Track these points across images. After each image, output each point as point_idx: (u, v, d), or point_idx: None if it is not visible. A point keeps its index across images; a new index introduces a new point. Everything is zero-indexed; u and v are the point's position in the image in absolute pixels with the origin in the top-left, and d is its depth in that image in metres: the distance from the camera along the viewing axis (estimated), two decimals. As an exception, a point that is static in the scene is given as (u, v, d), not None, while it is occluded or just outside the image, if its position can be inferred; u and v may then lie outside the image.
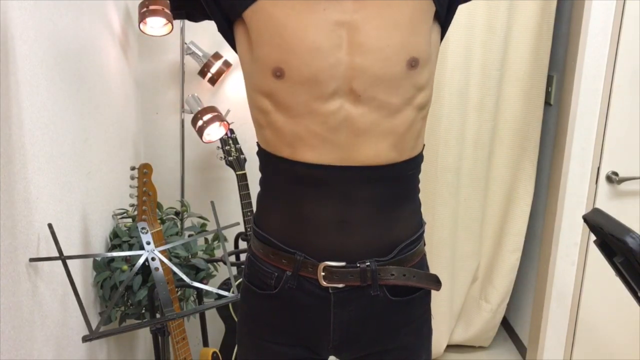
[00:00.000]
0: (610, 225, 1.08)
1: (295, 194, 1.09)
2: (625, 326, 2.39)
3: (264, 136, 1.11)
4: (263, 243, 1.14)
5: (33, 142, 1.27)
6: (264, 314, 1.17)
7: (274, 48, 1.03)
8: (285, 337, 1.17)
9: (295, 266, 1.10)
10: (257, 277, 1.16)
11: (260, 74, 1.06)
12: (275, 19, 1.03)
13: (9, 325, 1.16)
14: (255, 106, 1.10)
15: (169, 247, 1.68)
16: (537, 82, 2.42)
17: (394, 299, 1.13)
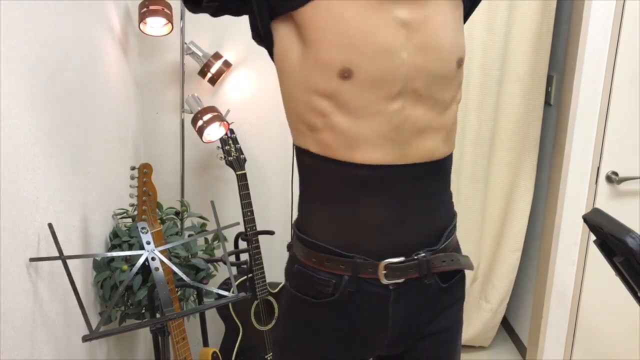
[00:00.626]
0: (610, 225, 1.08)
1: (351, 197, 1.09)
2: (625, 326, 2.39)
3: (320, 140, 1.08)
4: (315, 251, 1.13)
5: (33, 142, 1.27)
6: (320, 323, 1.17)
7: (340, 48, 1.01)
8: (343, 342, 1.17)
9: (355, 269, 1.10)
10: (312, 287, 1.15)
11: (321, 75, 1.03)
12: (340, 18, 1.00)
13: (9, 325, 1.16)
14: (309, 108, 1.06)
15: (169, 247, 1.68)
16: (537, 82, 2.42)
17: (444, 285, 1.17)
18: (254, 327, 2.20)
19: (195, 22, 2.21)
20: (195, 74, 2.23)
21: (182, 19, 2.17)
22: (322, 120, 1.06)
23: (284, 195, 2.43)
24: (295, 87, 1.07)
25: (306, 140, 1.10)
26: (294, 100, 1.08)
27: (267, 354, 2.24)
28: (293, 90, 1.08)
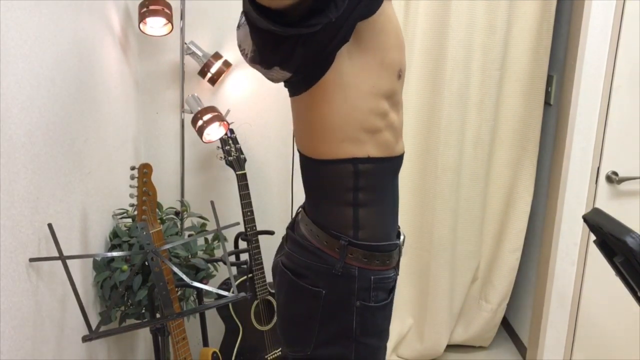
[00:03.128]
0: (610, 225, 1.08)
1: (392, 189, 1.18)
2: (625, 326, 2.39)
3: (381, 141, 1.11)
4: (379, 252, 1.15)
5: (33, 142, 1.27)
6: (385, 322, 1.21)
7: (398, 49, 1.09)
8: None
9: (397, 259, 1.18)
10: (383, 289, 1.16)
11: (387, 77, 1.07)
12: (393, 19, 1.07)
13: (9, 325, 1.16)
14: (374, 112, 1.08)
15: (169, 247, 1.68)
16: (537, 82, 2.42)
17: None
18: (254, 327, 2.20)
19: (195, 22, 2.21)
20: (195, 74, 2.23)
21: (182, 19, 2.17)
22: (383, 121, 1.10)
23: (284, 195, 2.43)
24: (357, 98, 1.07)
25: (365, 146, 1.10)
26: (355, 111, 1.08)
27: (267, 354, 2.24)
28: (355, 102, 1.07)
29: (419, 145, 2.42)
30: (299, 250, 1.19)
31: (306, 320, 1.18)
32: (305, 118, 1.13)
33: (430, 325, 2.61)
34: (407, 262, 2.56)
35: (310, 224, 1.19)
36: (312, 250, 1.17)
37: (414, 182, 2.47)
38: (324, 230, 1.16)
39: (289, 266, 1.21)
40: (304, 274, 1.18)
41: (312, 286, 1.16)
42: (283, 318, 1.25)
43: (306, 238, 1.19)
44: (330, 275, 1.14)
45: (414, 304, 2.63)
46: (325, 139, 1.11)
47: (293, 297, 1.20)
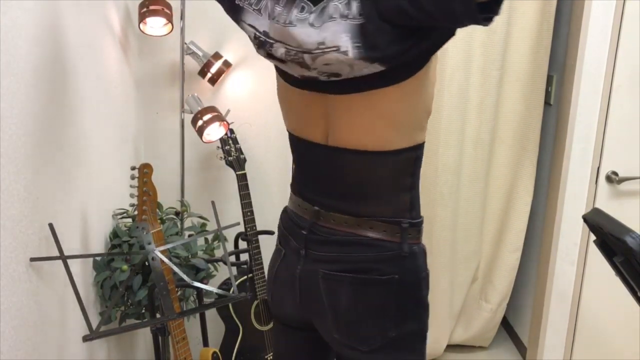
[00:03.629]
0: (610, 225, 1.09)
1: None
2: (625, 326, 2.39)
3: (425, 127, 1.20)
4: (422, 226, 1.25)
5: (33, 142, 1.27)
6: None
7: None
8: None
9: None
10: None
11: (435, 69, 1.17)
12: None
13: (9, 325, 1.16)
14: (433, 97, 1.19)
15: (169, 247, 1.68)
16: (537, 82, 2.42)
17: None
18: (254, 327, 2.20)
19: (195, 22, 2.21)
20: (195, 74, 2.23)
21: (182, 19, 2.17)
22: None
23: (284, 195, 2.42)
24: (432, 87, 1.16)
25: (424, 132, 1.20)
26: (429, 99, 1.17)
27: (267, 354, 2.24)
28: (432, 90, 1.16)
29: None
30: (352, 249, 1.21)
31: (382, 309, 1.22)
32: (389, 110, 1.13)
33: (430, 325, 2.59)
34: (407, 262, 2.55)
35: (359, 220, 1.20)
36: (369, 244, 1.20)
37: (414, 182, 2.47)
38: (381, 220, 1.19)
39: (345, 268, 1.21)
40: (369, 269, 1.20)
41: (382, 275, 1.20)
42: (351, 320, 1.23)
43: (357, 234, 1.20)
44: (398, 258, 1.20)
45: (414, 304, 2.62)
46: (408, 128, 1.15)
47: (361, 294, 1.21)
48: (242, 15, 1.13)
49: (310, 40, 1.04)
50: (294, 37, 1.06)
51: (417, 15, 0.97)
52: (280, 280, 1.32)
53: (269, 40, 1.10)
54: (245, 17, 1.12)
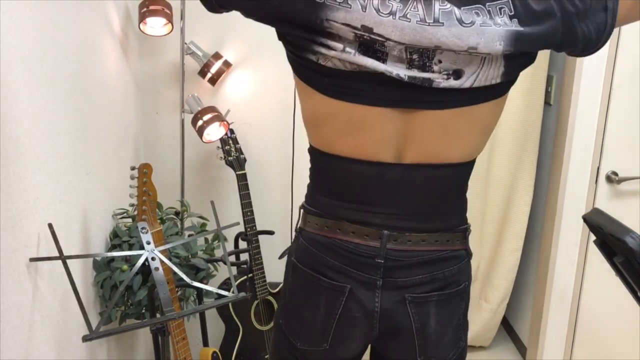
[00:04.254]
0: (610, 225, 1.08)
1: None
2: (625, 326, 2.39)
3: None
4: None
5: (33, 142, 1.27)
6: None
7: None
8: None
9: None
10: None
11: None
12: None
13: (9, 325, 1.16)
14: None
15: (169, 247, 1.68)
16: (537, 82, 2.42)
17: None
18: (254, 327, 2.20)
19: (195, 22, 2.21)
20: (195, 74, 2.23)
21: (182, 19, 2.17)
22: None
23: (284, 195, 2.43)
24: None
25: None
26: None
27: (267, 354, 2.24)
28: None
29: (419, 145, 2.42)
30: (438, 267, 1.17)
31: (457, 320, 1.22)
32: (490, 122, 1.12)
33: (430, 325, 2.61)
34: (407, 262, 2.56)
35: (437, 236, 1.16)
36: (451, 257, 1.19)
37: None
38: (455, 231, 1.20)
39: (433, 288, 1.16)
40: (451, 282, 1.18)
41: (459, 285, 1.21)
42: (438, 339, 1.18)
43: (439, 250, 1.17)
44: (467, 265, 1.24)
45: (414, 304, 2.62)
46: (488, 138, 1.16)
47: (445, 309, 1.18)
48: (326, 12, 0.94)
49: (460, 43, 0.95)
50: (435, 38, 0.94)
51: (592, 47, 1.03)
52: (348, 319, 1.14)
53: (376, 38, 0.95)
54: (332, 15, 0.94)
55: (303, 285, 1.17)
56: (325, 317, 1.14)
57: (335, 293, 1.13)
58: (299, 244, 1.18)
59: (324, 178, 1.14)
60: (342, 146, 1.08)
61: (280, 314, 1.24)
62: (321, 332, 1.16)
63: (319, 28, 0.95)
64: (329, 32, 0.96)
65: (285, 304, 1.22)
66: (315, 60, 1.00)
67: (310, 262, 1.15)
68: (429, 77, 0.99)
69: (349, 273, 1.12)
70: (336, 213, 1.12)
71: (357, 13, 0.93)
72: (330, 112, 1.05)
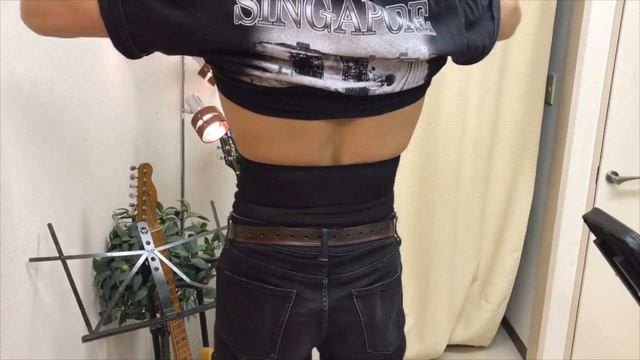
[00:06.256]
0: (610, 225, 1.09)
1: None
2: (625, 326, 2.39)
3: None
4: None
5: (33, 142, 1.27)
6: None
7: None
8: None
9: None
10: None
11: None
12: None
13: (9, 325, 1.16)
14: None
15: (169, 247, 1.69)
16: (537, 82, 2.42)
17: None
18: (254, 327, 2.19)
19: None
20: (195, 74, 2.23)
21: (182, 19, 2.17)
22: None
23: (284, 195, 2.43)
24: None
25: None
26: None
27: (267, 354, 2.24)
28: None
29: (419, 145, 2.42)
30: (377, 256, 1.17)
31: (398, 306, 1.25)
32: (415, 120, 1.17)
33: (430, 325, 2.61)
34: (407, 261, 2.56)
35: (371, 226, 1.16)
36: (386, 245, 1.18)
37: (414, 182, 2.47)
38: (387, 219, 1.19)
39: (375, 279, 1.17)
40: (389, 270, 1.20)
41: (396, 273, 1.21)
42: (384, 328, 1.20)
43: (375, 240, 1.17)
44: (399, 252, 1.23)
45: (413, 304, 2.63)
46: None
47: (388, 298, 1.20)
48: (257, 35, 0.92)
49: (393, 50, 0.96)
50: (370, 47, 0.95)
51: (485, 54, 1.13)
52: (297, 324, 1.14)
53: (311, 54, 0.94)
54: (265, 36, 0.92)
55: (244, 296, 1.14)
56: (271, 325, 1.13)
57: (281, 299, 1.12)
58: (232, 256, 1.14)
59: (259, 187, 1.12)
60: (279, 156, 1.07)
61: (221, 329, 1.20)
62: (268, 342, 1.14)
63: (251, 52, 0.93)
64: (262, 54, 0.93)
65: (226, 318, 1.19)
66: (249, 82, 0.98)
67: (250, 272, 1.12)
68: (365, 86, 0.99)
69: (293, 277, 1.11)
70: (273, 220, 1.11)
71: (292, 30, 0.92)
72: (265, 128, 1.04)
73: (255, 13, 0.91)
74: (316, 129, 1.04)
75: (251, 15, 0.91)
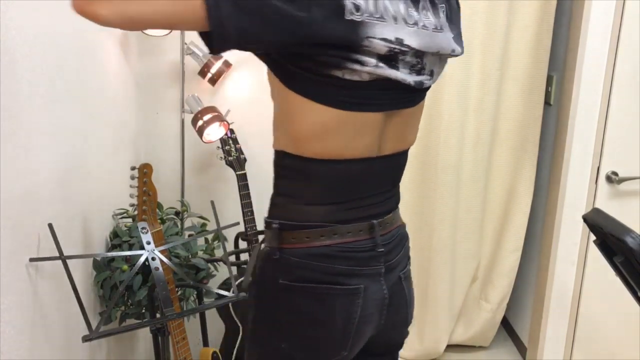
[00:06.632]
0: (610, 225, 1.09)
1: None
2: (625, 326, 2.39)
3: None
4: None
5: (33, 142, 1.28)
6: None
7: None
8: None
9: None
10: None
11: None
12: None
13: (9, 325, 1.16)
14: None
15: (169, 247, 1.69)
16: (537, 82, 2.42)
17: None
18: (254, 327, 2.20)
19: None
20: (195, 74, 2.23)
21: (182, 19, 2.17)
22: None
23: (284, 195, 2.43)
24: None
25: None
26: None
27: (267, 354, 2.24)
28: None
29: (419, 145, 2.42)
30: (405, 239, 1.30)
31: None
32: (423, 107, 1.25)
33: (430, 325, 2.61)
34: (407, 262, 2.56)
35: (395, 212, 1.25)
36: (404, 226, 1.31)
37: (414, 182, 2.47)
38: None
39: (407, 259, 1.30)
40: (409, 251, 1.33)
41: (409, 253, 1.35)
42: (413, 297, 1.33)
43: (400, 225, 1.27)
44: None
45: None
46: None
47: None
48: (365, 30, 0.96)
49: (449, 47, 1.06)
50: (439, 44, 1.05)
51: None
52: (366, 318, 1.15)
53: (404, 49, 1.00)
54: (371, 31, 0.97)
55: (309, 301, 1.12)
56: (343, 324, 1.13)
57: (351, 297, 1.12)
58: (288, 263, 1.12)
59: (315, 186, 1.12)
60: (344, 150, 1.08)
61: (279, 340, 1.16)
62: (340, 341, 1.14)
63: (357, 46, 0.97)
64: (365, 49, 0.97)
65: (287, 328, 1.15)
66: (340, 76, 0.99)
67: (313, 275, 1.11)
68: (422, 80, 1.07)
69: (359, 272, 1.13)
70: (328, 218, 1.11)
71: (391, 26, 0.98)
72: (337, 122, 1.05)
73: (364, 8, 0.96)
74: (378, 120, 1.09)
75: (360, 11, 0.95)
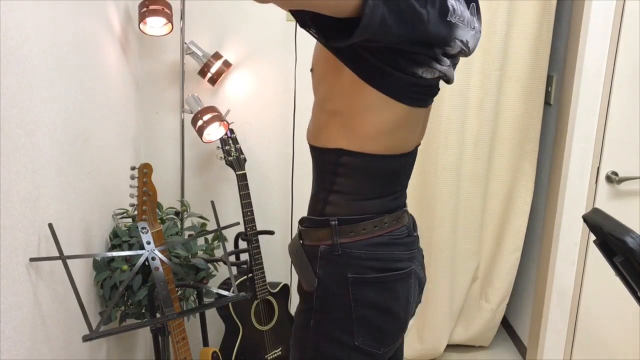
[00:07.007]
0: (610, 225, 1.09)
1: None
2: (625, 326, 2.39)
3: None
4: None
5: (33, 142, 1.28)
6: None
7: None
8: None
9: None
10: None
11: None
12: None
13: (9, 325, 1.16)
14: None
15: (169, 247, 1.69)
16: (537, 82, 2.42)
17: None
18: (254, 327, 2.20)
19: (195, 22, 2.21)
20: (195, 74, 2.23)
21: (182, 19, 2.17)
22: None
23: (284, 195, 2.43)
24: None
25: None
26: None
27: (267, 354, 2.24)
28: None
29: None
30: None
31: None
32: None
33: (430, 325, 2.61)
34: (407, 262, 2.56)
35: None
36: None
37: (414, 182, 2.47)
38: None
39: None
40: None
41: None
42: None
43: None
44: None
45: (414, 304, 2.63)
46: None
47: None
48: (456, 32, 1.05)
49: (474, 48, 1.15)
50: (476, 44, 1.15)
51: None
52: (416, 297, 1.25)
53: (465, 50, 1.11)
54: (458, 33, 1.06)
55: (378, 290, 1.16)
56: (405, 306, 1.20)
57: (407, 280, 1.20)
58: (353, 257, 1.15)
59: (372, 181, 1.17)
60: (403, 144, 1.17)
61: (350, 337, 1.17)
62: (403, 323, 1.22)
63: (447, 47, 1.05)
64: (447, 49, 1.06)
65: (359, 322, 1.17)
66: (420, 74, 1.06)
67: (378, 265, 1.16)
68: (453, 76, 1.16)
69: (408, 256, 1.21)
70: (380, 210, 1.18)
71: (465, 29, 1.07)
72: (404, 118, 1.12)
73: (458, 12, 1.04)
74: (422, 115, 1.19)
75: (455, 13, 1.03)
